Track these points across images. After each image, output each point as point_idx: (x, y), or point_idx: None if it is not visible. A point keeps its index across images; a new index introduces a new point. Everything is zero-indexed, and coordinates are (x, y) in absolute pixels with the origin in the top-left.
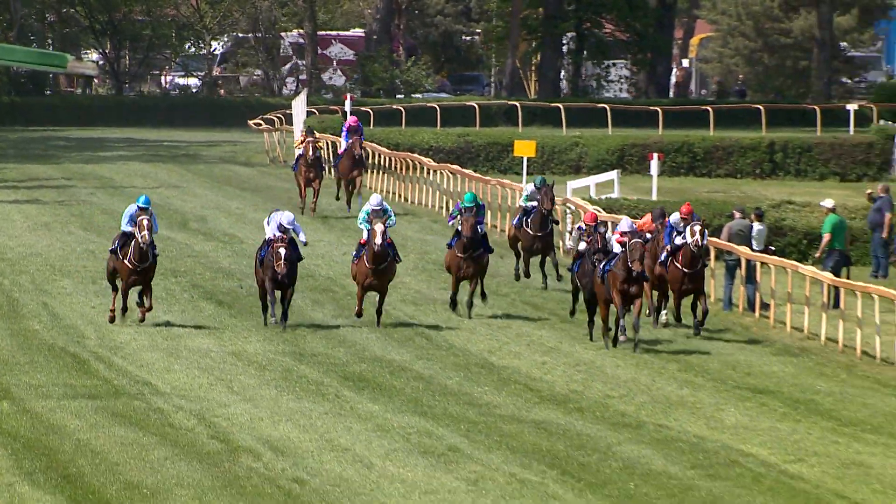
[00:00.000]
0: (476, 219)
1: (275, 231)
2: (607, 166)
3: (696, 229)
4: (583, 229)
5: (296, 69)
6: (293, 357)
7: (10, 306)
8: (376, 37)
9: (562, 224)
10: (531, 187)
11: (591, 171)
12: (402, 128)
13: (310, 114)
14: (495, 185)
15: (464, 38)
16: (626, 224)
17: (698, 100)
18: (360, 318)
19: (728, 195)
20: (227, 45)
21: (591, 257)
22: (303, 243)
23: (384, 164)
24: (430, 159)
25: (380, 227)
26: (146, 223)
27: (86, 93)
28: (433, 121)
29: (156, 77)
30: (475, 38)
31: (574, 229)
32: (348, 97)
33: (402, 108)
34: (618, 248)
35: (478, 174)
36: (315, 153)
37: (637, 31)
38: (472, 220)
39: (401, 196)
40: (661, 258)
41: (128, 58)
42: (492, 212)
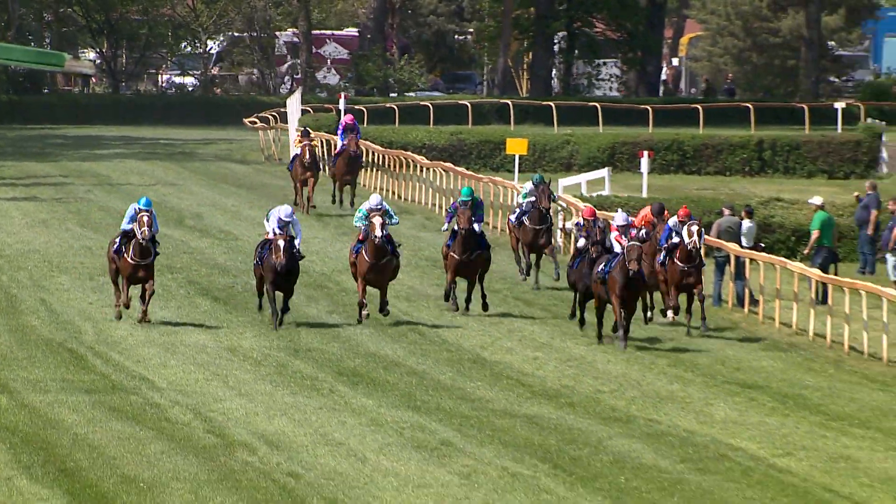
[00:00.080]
0: (473, 213)
1: (275, 227)
2: (598, 164)
3: (694, 229)
4: (581, 224)
5: (293, 69)
6: (288, 352)
7: (9, 302)
8: (370, 36)
9: (554, 220)
10: (529, 185)
11: (583, 169)
12: (396, 126)
13: (304, 112)
14: (487, 183)
15: (456, 37)
16: (621, 217)
17: (688, 98)
18: (362, 308)
19: (717, 192)
20: (223, 45)
21: (589, 251)
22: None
23: (378, 161)
24: (423, 157)
25: (378, 220)
26: (146, 219)
27: (83, 91)
28: (426, 119)
29: (152, 76)
30: (468, 38)
31: (573, 225)
32: (342, 96)
33: (395, 107)
34: (617, 248)
35: (470, 172)
36: (311, 156)
37: (627, 31)
38: (469, 213)
39: (394, 193)
40: (659, 259)
41: (124, 57)
42: (484, 209)
